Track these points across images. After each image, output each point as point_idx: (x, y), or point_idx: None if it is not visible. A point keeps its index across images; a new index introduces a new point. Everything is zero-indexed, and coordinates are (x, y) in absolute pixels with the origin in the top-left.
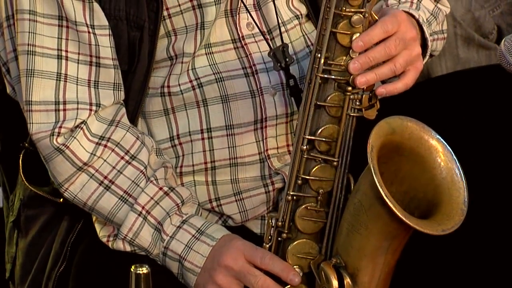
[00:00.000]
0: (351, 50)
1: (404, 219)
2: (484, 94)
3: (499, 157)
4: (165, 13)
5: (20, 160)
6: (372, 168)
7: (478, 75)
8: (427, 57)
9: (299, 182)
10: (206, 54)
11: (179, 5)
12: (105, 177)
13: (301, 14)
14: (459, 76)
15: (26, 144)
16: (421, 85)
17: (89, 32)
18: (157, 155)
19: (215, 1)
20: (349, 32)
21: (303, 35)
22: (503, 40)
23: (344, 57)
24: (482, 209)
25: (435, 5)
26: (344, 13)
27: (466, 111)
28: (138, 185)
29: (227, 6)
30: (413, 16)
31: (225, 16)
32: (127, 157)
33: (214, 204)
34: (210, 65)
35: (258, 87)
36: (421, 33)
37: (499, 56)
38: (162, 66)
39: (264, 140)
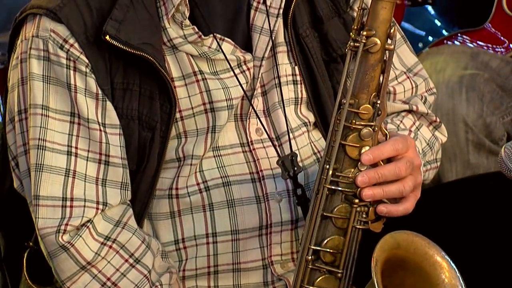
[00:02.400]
0: (359, 163)
1: None
2: (490, 200)
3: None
4: (177, 115)
5: (24, 260)
6: (375, 283)
7: (486, 181)
8: None
9: None
10: (214, 156)
11: (192, 108)
12: (108, 279)
13: (309, 122)
14: (468, 182)
15: (31, 243)
16: (432, 190)
17: (100, 130)
18: (162, 258)
19: (227, 106)
20: (358, 145)
21: (310, 143)
22: (503, 147)
23: (353, 170)
24: None
25: (432, 134)
26: (354, 126)
27: (474, 217)
28: None
29: (238, 110)
30: None
31: (235, 120)
32: (131, 260)
33: None
34: (217, 167)
35: (264, 193)
36: None
37: (499, 163)
38: (169, 167)
39: (269, 246)
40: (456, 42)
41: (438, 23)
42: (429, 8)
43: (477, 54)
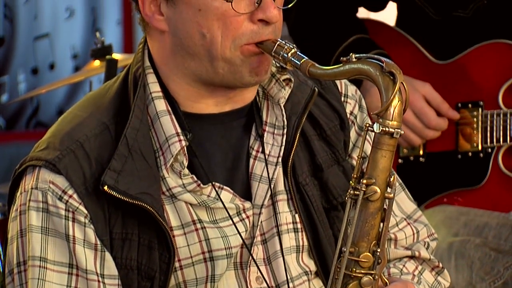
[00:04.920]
0: None
1: None
2: None
3: None
4: (176, 264)
5: None
6: None
7: None
8: None
9: None
10: None
11: (191, 257)
12: None
13: (310, 271)
14: None
15: None
16: None
17: (98, 281)
18: None
19: (227, 255)
20: None
21: None
22: None
23: None
24: None
25: (435, 279)
26: (354, 274)
27: None
28: None
29: (237, 258)
30: None
31: (234, 268)
32: None
33: None
34: None
35: None
36: None
37: None
38: None
39: None
40: (453, 203)
41: (435, 182)
42: (424, 166)
43: (472, 220)
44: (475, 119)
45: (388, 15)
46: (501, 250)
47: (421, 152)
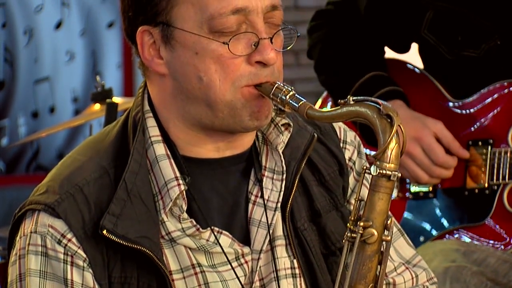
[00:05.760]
0: None
1: None
2: None
3: None
4: None
5: None
6: None
7: None
8: None
9: None
10: None
11: None
12: None
13: None
14: None
15: None
16: None
17: None
18: None
19: None
20: None
21: None
22: None
23: None
24: None
25: None
26: None
27: None
28: None
29: None
30: None
31: None
32: None
33: None
34: None
35: None
36: None
37: None
38: None
39: None
40: (455, 235)
41: (440, 217)
42: (431, 202)
43: (472, 251)
44: (484, 157)
45: (417, 57)
46: (498, 282)
47: (430, 188)
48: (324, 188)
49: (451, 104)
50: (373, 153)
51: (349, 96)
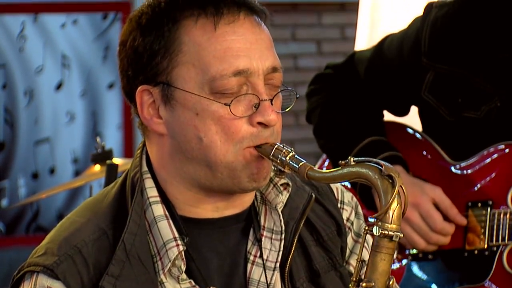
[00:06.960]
0: None
1: None
2: None
3: None
4: None
5: None
6: None
7: None
8: None
9: None
10: None
11: None
12: None
13: None
14: None
15: None
16: None
17: None
18: None
19: None
20: None
21: None
22: None
23: None
24: None
25: None
26: None
27: None
28: None
29: None
30: None
31: None
32: None
33: None
34: None
35: None
36: None
37: None
38: None
39: None
40: None
41: (440, 278)
42: (430, 263)
43: None
44: (483, 218)
45: (415, 119)
46: None
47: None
48: (322, 248)
49: (450, 165)
50: (372, 220)
51: (350, 157)
